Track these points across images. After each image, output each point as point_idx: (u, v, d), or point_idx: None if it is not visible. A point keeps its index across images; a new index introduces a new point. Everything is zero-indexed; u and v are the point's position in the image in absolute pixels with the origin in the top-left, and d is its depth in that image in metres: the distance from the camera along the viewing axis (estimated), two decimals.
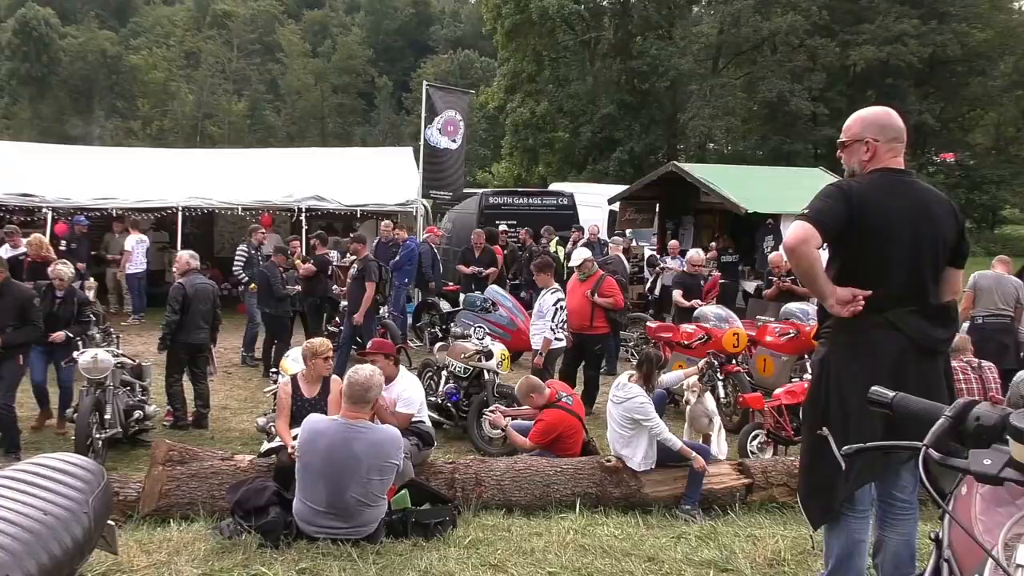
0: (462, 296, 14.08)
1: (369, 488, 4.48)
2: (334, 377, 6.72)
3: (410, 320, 14.08)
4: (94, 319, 9.10)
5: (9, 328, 7.66)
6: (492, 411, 7.59)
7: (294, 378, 6.62)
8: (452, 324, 12.67)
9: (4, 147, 19.77)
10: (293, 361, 8.20)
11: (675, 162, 17.73)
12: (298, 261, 12.38)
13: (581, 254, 10.42)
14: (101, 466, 2.32)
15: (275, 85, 61.57)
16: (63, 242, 13.37)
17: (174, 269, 10.36)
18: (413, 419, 6.61)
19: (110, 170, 16.78)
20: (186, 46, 58.45)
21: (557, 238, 16.06)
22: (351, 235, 12.53)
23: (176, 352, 9.24)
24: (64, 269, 8.59)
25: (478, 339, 9.76)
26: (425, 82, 16.09)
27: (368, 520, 4.53)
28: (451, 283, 14.95)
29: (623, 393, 6.60)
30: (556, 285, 9.59)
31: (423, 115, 15.57)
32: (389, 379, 6.68)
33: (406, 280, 13.67)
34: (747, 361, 10.42)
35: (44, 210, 14.78)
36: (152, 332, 10.04)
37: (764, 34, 34.10)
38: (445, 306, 13.81)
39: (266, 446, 6.52)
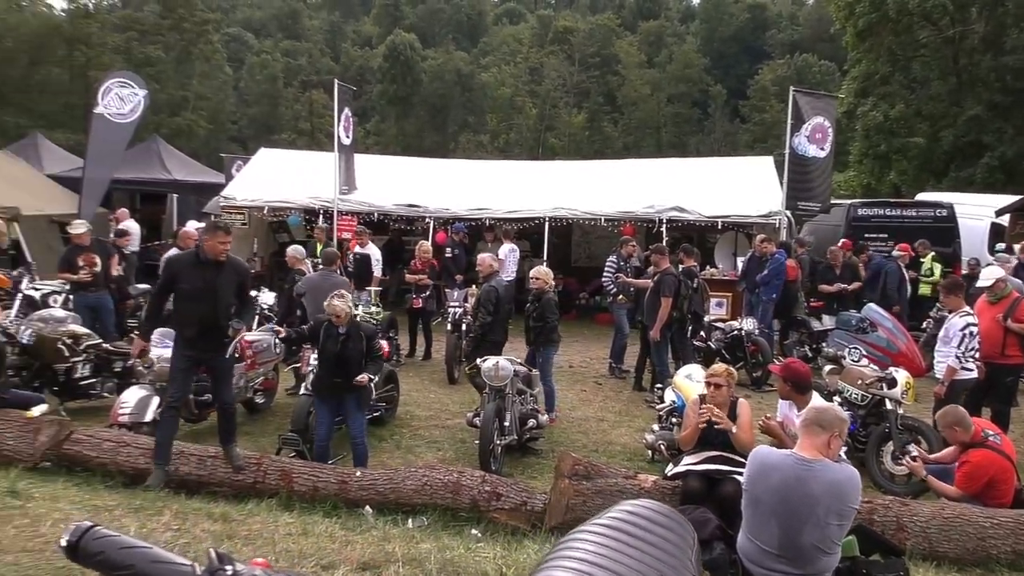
0: (825, 317, 13.30)
1: (826, 533, 4.09)
2: (742, 401, 6.41)
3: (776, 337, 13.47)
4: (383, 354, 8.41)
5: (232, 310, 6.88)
6: (915, 457, 6.88)
7: (702, 399, 6.38)
8: (824, 344, 11.98)
9: (384, 161, 21.57)
10: (686, 378, 8.02)
11: None
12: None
13: (992, 273, 9.31)
14: (686, 518, 2.14)
15: (612, 97, 62.76)
16: (450, 250, 14.22)
17: (478, 270, 10.66)
18: None
19: (480, 182, 17.80)
20: (530, 62, 61.22)
21: (932, 254, 14.68)
22: (652, 246, 12.19)
23: (484, 351, 9.40)
24: (340, 304, 7.40)
25: (853, 361, 9.10)
26: (792, 89, 15.30)
27: (823, 568, 4.14)
28: (812, 300, 14.14)
29: None
30: (967, 308, 8.59)
31: (789, 122, 14.83)
32: (799, 405, 6.28)
33: (773, 295, 13.07)
34: None
35: (427, 220, 15.97)
36: (517, 338, 10.40)
37: None
38: (816, 324, 13.06)
39: (672, 469, 6.33)
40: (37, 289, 12.31)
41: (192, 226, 13.72)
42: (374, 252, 13.52)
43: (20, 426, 7.23)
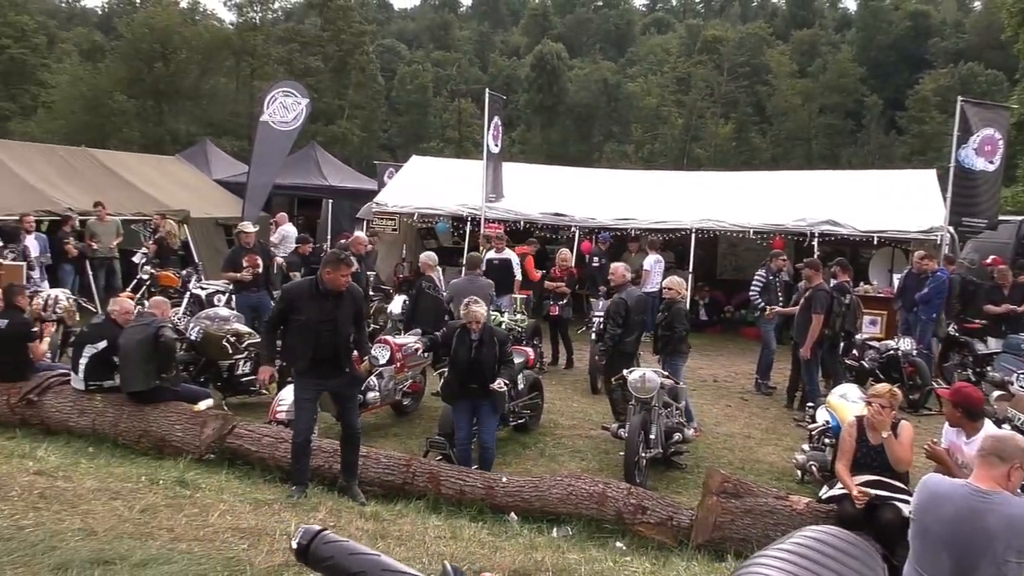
0: (990, 340, 12.55)
1: (1004, 570, 3.85)
2: (904, 423, 6.12)
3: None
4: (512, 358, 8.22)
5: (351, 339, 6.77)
6: None
7: (860, 420, 6.13)
8: (989, 368, 11.32)
9: (530, 170, 21.69)
10: (841, 398, 7.74)
11: None
12: None
13: None
14: (872, 547, 2.04)
15: (761, 107, 61.27)
16: (595, 259, 14.22)
17: (610, 278, 10.61)
18: None
19: (626, 191, 17.70)
20: (677, 72, 60.49)
21: None
22: (805, 260, 11.81)
23: (615, 361, 9.51)
24: (478, 309, 7.51)
25: (1022, 387, 8.57)
26: (960, 98, 14.53)
27: None
28: (976, 320, 13.36)
29: None
30: None
31: (955, 134, 14.11)
32: (968, 433, 5.95)
33: (933, 315, 12.46)
34: None
35: (572, 228, 16.01)
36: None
37: None
38: (979, 347, 12.34)
39: (827, 492, 6.11)
40: (203, 288, 13.07)
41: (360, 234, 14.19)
42: (513, 258, 13.60)
43: (188, 419, 7.67)
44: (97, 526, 4.64)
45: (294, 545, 1.72)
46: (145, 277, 13.54)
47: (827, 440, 7.58)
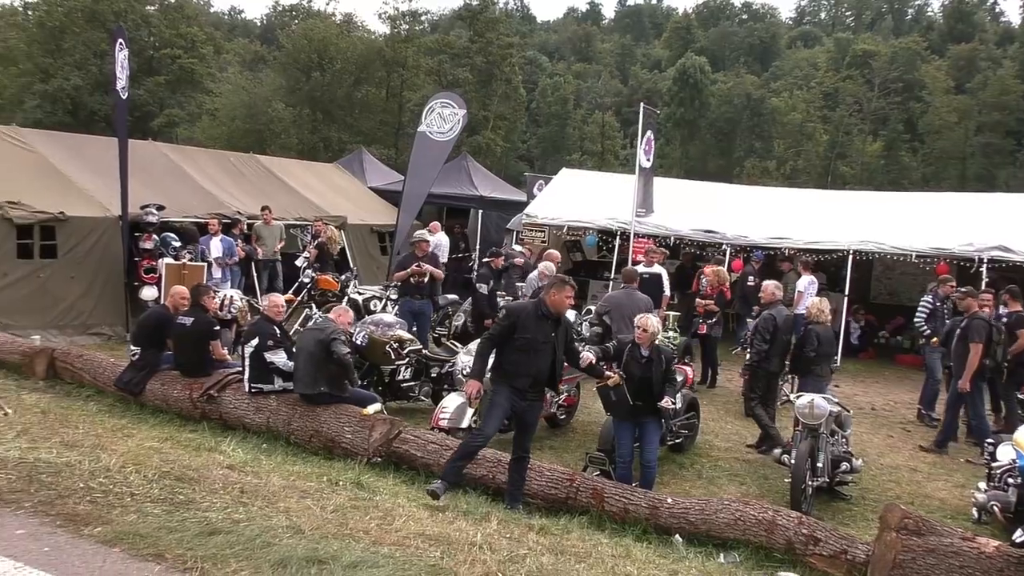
0: None
1: None
2: None
3: None
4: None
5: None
6: None
7: None
8: None
9: (674, 184, 21.40)
10: None
11: None
12: None
13: None
14: None
15: (911, 124, 58.69)
16: (749, 278, 14.00)
17: (759, 296, 10.32)
18: None
19: (776, 209, 17.25)
20: (824, 87, 58.75)
21: None
22: (962, 288, 11.19)
23: (758, 379, 9.46)
24: (652, 319, 7.67)
25: None
26: None
27: None
28: None
29: None
30: None
31: None
32: None
33: None
34: None
35: (724, 246, 15.73)
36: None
37: None
38: None
39: (1021, 536, 5.82)
40: (360, 293, 13.49)
41: (517, 248, 14.24)
42: (664, 273, 13.44)
43: (357, 422, 7.92)
44: (303, 524, 4.83)
45: None
46: (306, 280, 14.06)
47: (1011, 480, 7.22)
